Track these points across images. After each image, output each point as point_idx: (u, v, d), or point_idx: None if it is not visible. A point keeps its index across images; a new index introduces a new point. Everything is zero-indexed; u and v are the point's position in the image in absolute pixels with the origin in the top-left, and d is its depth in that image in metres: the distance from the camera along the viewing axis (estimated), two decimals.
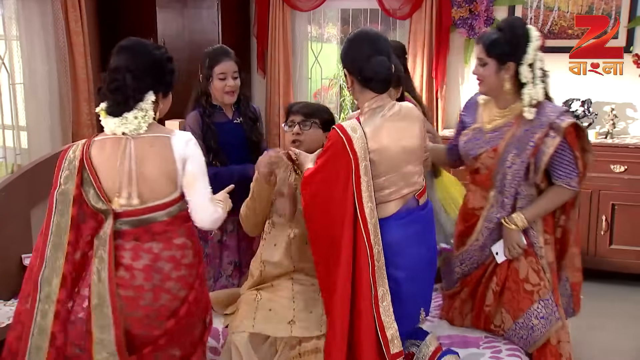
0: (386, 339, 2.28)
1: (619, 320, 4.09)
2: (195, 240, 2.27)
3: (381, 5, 5.11)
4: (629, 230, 4.46)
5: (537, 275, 2.63)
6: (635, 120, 4.76)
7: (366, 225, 2.28)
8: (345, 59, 2.39)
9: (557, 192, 2.61)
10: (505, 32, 2.55)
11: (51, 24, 4.59)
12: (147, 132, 2.17)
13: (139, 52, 2.21)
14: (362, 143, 2.28)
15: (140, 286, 2.15)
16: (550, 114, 2.54)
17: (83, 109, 4.78)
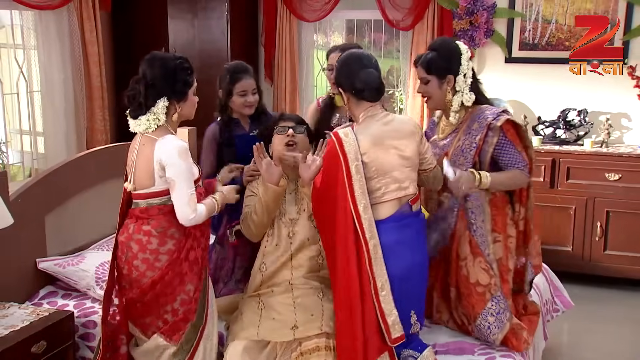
0: (387, 324, 2.45)
1: (614, 324, 4.20)
2: (163, 232, 2.53)
3: (385, 17, 5.25)
4: (623, 236, 4.57)
5: (486, 274, 2.76)
6: (629, 129, 4.87)
7: (360, 221, 2.46)
8: (339, 79, 2.63)
9: (516, 173, 2.78)
10: (439, 51, 2.81)
11: (67, 34, 4.78)
12: (153, 132, 2.51)
13: (155, 64, 2.52)
14: (354, 145, 2.49)
15: (120, 257, 2.60)
16: (488, 116, 2.76)
17: (97, 116, 4.96)
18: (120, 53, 5.40)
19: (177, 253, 2.55)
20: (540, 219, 4.65)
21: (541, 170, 4.65)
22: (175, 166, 2.46)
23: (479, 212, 2.82)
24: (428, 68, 2.81)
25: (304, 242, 2.85)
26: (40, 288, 3.26)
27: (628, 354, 3.85)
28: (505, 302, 2.77)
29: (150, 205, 2.55)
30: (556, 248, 4.69)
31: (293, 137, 2.88)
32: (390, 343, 2.46)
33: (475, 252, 2.79)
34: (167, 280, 2.54)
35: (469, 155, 2.78)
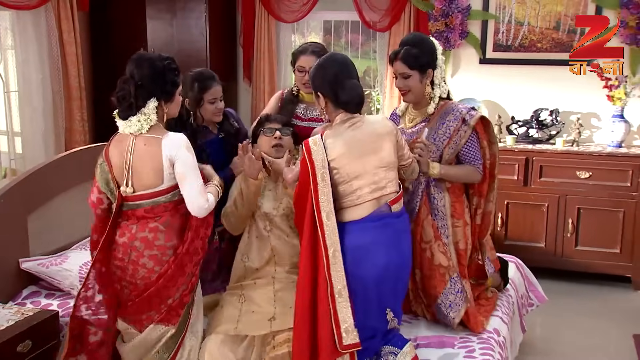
0: (339, 330, 2.47)
1: (586, 317, 4.33)
2: (170, 227, 2.57)
3: (362, 18, 5.33)
4: (593, 232, 4.71)
5: (445, 257, 2.93)
6: (599, 129, 5.02)
7: (322, 227, 2.52)
8: (318, 82, 2.64)
9: (470, 169, 2.97)
10: (421, 46, 2.92)
11: (45, 34, 4.76)
12: (147, 132, 2.52)
13: (144, 64, 2.53)
14: (321, 153, 2.55)
15: (122, 259, 2.58)
16: (462, 109, 2.95)
17: (75, 116, 4.95)
18: (98, 53, 5.39)
19: (181, 247, 2.59)
20: (514, 216, 4.83)
21: (515, 169, 4.78)
22: (184, 159, 2.50)
23: (440, 198, 2.98)
24: (411, 63, 2.90)
25: (282, 237, 2.94)
26: (23, 288, 3.26)
27: (600, 345, 3.98)
28: (461, 283, 2.93)
29: (157, 204, 2.57)
30: (529, 244, 4.82)
31: (280, 140, 2.96)
32: (340, 349, 2.47)
33: (436, 235, 2.95)
34: (170, 274, 2.57)
35: (440, 143, 2.94)
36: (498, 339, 2.91)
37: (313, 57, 3.29)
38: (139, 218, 2.58)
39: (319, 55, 3.32)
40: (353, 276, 2.52)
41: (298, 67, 3.33)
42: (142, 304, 2.60)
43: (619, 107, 4.72)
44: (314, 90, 2.68)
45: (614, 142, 4.76)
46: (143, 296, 2.58)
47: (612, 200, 4.63)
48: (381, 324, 2.63)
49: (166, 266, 2.57)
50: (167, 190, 2.58)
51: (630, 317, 4.33)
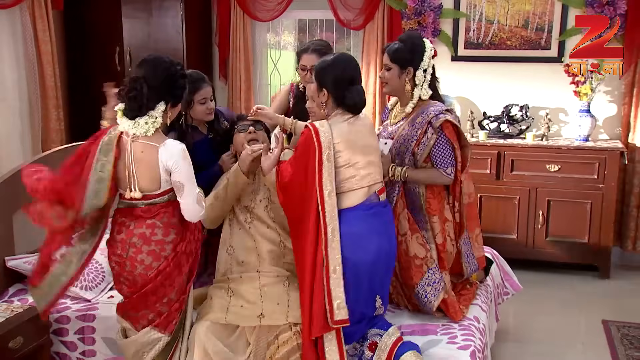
0: (331, 305, 2.59)
1: (557, 305, 4.49)
2: (167, 223, 2.62)
3: (337, 17, 5.41)
4: (563, 223, 4.87)
5: (423, 248, 3.03)
6: (567, 123, 5.19)
7: (323, 205, 2.65)
8: (327, 78, 2.75)
9: (434, 173, 3.04)
10: (406, 43, 3.04)
11: (20, 33, 4.72)
12: (146, 138, 2.54)
13: (158, 67, 2.56)
14: (327, 134, 2.68)
15: (120, 255, 2.63)
16: (431, 112, 3.00)
17: (52, 116, 4.92)
18: (73, 52, 5.37)
19: (180, 244, 2.65)
20: (487, 209, 4.97)
21: (487, 163, 4.91)
22: (181, 170, 2.55)
23: (415, 193, 3.08)
24: (392, 57, 3.03)
25: (262, 227, 3.03)
26: (9, 286, 3.28)
27: (571, 331, 4.14)
28: (440, 274, 3.03)
29: (153, 204, 2.62)
30: (502, 236, 4.95)
31: (255, 134, 3.10)
32: (332, 324, 2.58)
33: (413, 228, 3.05)
34: (168, 271, 2.62)
35: (409, 145, 3.04)
36: (478, 326, 3.04)
37: (314, 55, 3.42)
38: (136, 217, 2.62)
39: (320, 52, 3.43)
40: (346, 262, 2.64)
41: (300, 65, 3.44)
42: (139, 300, 2.64)
43: (586, 102, 4.88)
44: (320, 83, 2.78)
45: (581, 136, 4.93)
46: (140, 293, 2.62)
47: (580, 192, 4.79)
48: (369, 310, 2.75)
49: (164, 263, 2.61)
50: (164, 192, 2.63)
51: (599, 303, 4.51)
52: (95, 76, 5.26)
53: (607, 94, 5.08)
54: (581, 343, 3.99)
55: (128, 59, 5.15)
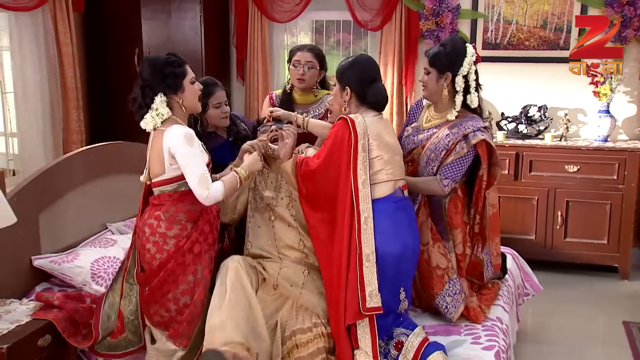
0: (364, 293, 2.60)
1: (576, 306, 4.46)
2: (171, 217, 2.69)
3: (354, 17, 5.43)
4: (581, 224, 4.85)
5: (444, 258, 3.01)
6: (586, 124, 5.17)
7: (357, 194, 2.67)
8: (350, 76, 2.80)
9: (432, 182, 2.98)
10: (446, 48, 3.00)
11: (42, 35, 4.78)
12: (161, 125, 2.68)
13: (144, 64, 2.70)
14: (362, 124, 2.71)
15: (137, 241, 2.79)
16: (468, 127, 2.93)
17: (72, 116, 4.97)
18: (93, 54, 5.42)
19: (184, 240, 2.70)
20: (505, 210, 4.95)
21: (505, 164, 4.90)
22: (182, 152, 2.61)
23: (438, 207, 3.06)
24: (432, 61, 3.01)
25: (284, 225, 3.01)
26: (36, 285, 3.31)
27: (591, 332, 4.12)
28: (460, 284, 3.01)
29: (162, 192, 2.72)
30: (520, 237, 4.94)
31: (276, 132, 3.05)
32: (364, 311, 2.59)
33: (435, 238, 3.03)
34: (171, 268, 2.68)
35: (439, 155, 2.98)
36: (501, 327, 3.03)
37: (310, 54, 3.42)
38: (152, 205, 2.76)
39: (315, 52, 3.45)
40: (375, 250, 2.66)
41: (294, 61, 3.42)
42: (150, 294, 2.73)
43: (605, 102, 4.87)
44: (343, 83, 2.82)
45: (601, 136, 4.91)
46: (150, 285, 2.72)
47: (599, 193, 4.77)
48: (394, 302, 2.75)
49: (166, 256, 2.68)
50: (172, 180, 2.71)
51: (619, 304, 4.49)
52: (115, 77, 5.33)
53: (626, 95, 5.06)
54: (601, 344, 3.98)
55: None
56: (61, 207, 3.51)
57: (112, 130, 5.13)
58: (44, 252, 3.37)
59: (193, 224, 2.74)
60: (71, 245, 3.55)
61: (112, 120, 5.35)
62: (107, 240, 3.60)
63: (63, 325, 2.85)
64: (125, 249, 3.45)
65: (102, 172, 3.81)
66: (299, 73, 3.39)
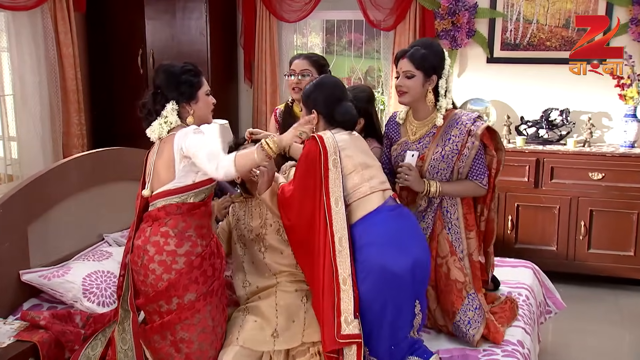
0: (339, 319, 2.41)
1: (599, 323, 4.24)
2: (181, 233, 2.53)
3: (366, 17, 5.22)
4: (606, 235, 4.62)
5: (461, 273, 2.86)
6: (610, 129, 4.93)
7: (330, 213, 2.49)
8: (315, 99, 2.70)
9: (473, 186, 2.88)
10: (431, 49, 2.83)
11: (41, 35, 4.64)
12: (169, 133, 2.56)
13: (159, 70, 2.62)
14: (332, 140, 2.57)
15: (136, 262, 2.56)
16: (466, 122, 2.83)
17: (73, 120, 4.83)
18: (95, 55, 5.26)
19: (196, 259, 2.54)
20: (525, 219, 4.75)
21: (525, 170, 4.68)
22: (192, 141, 2.47)
23: (453, 211, 2.89)
24: (419, 63, 2.80)
25: (277, 256, 2.85)
26: (24, 301, 3.12)
27: (615, 352, 3.90)
28: (478, 298, 2.86)
29: (169, 204, 2.55)
30: (541, 248, 4.74)
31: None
32: (338, 338, 2.40)
33: (452, 251, 2.88)
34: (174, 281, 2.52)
35: (450, 162, 2.83)
36: (523, 352, 2.81)
37: (305, 61, 3.30)
38: (154, 219, 2.56)
39: (312, 59, 3.33)
40: (385, 270, 2.46)
41: (290, 70, 3.32)
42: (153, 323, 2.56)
43: (632, 106, 4.64)
44: (309, 106, 2.72)
45: (627, 142, 4.68)
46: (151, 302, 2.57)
47: (625, 201, 4.54)
48: (408, 316, 2.56)
49: (177, 275, 2.50)
50: (180, 190, 2.55)
51: None
52: (118, 79, 5.18)
53: None
54: None
55: (151, 61, 5.02)
56: (53, 217, 3.33)
57: (115, 135, 4.98)
58: (34, 266, 3.18)
59: (203, 241, 2.58)
60: (64, 258, 3.36)
61: (115, 124, 5.20)
62: (102, 253, 3.41)
63: (46, 350, 2.66)
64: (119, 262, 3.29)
65: (99, 179, 3.63)
66: (294, 82, 3.27)
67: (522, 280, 3.49)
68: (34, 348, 2.64)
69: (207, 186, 2.58)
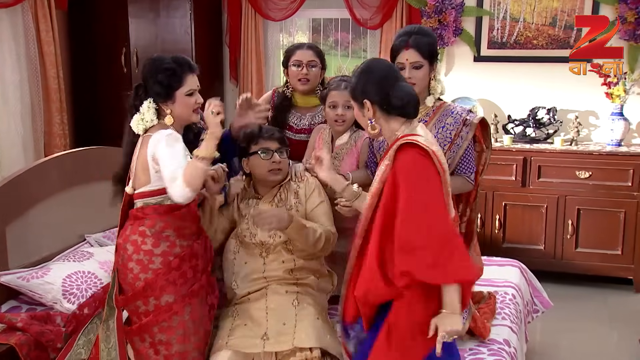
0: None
1: (588, 321, 4.22)
2: (158, 233, 2.48)
3: (352, 15, 5.18)
4: (593, 233, 4.60)
5: None
6: (597, 127, 4.92)
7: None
8: (365, 90, 2.27)
9: (461, 181, 2.74)
10: (429, 35, 2.71)
11: (22, 34, 4.55)
12: (148, 132, 2.50)
13: (145, 65, 2.57)
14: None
15: (117, 261, 2.55)
16: (461, 112, 2.75)
17: (55, 119, 4.74)
18: (78, 53, 5.18)
19: (173, 258, 2.48)
20: (512, 218, 4.72)
21: (513, 169, 4.66)
22: (161, 153, 2.39)
23: None
24: (424, 52, 2.64)
25: (277, 263, 2.78)
26: (2, 303, 3.05)
27: (603, 351, 3.87)
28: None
29: (147, 205, 2.50)
30: (528, 247, 4.71)
31: (279, 164, 2.78)
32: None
33: None
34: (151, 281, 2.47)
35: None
36: (509, 350, 2.78)
37: (311, 52, 3.18)
38: (134, 218, 2.52)
39: (316, 50, 3.22)
40: None
41: (294, 61, 3.17)
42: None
43: (618, 104, 4.62)
44: (358, 99, 2.29)
45: (614, 140, 4.66)
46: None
47: (612, 200, 4.52)
48: None
49: (153, 275, 2.45)
50: (157, 192, 2.49)
51: (634, 320, 4.22)
52: (101, 78, 5.10)
53: None
54: None
55: (135, 60, 4.94)
56: (33, 218, 3.26)
57: (98, 134, 4.89)
58: (12, 267, 3.11)
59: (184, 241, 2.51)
60: (44, 259, 3.30)
61: (98, 123, 5.12)
62: (82, 253, 3.35)
63: (26, 351, 2.60)
64: (101, 262, 3.23)
65: (81, 179, 3.56)
66: (302, 73, 3.14)
67: (509, 279, 3.47)
68: (11, 350, 2.58)
69: None
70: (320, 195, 2.84)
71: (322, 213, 2.81)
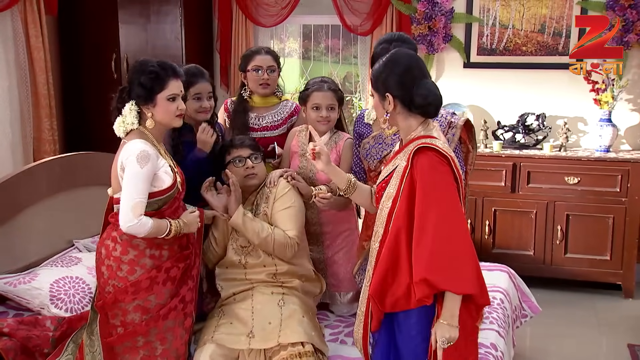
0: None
1: (577, 327, 4.22)
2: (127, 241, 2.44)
3: (343, 22, 5.19)
4: (582, 239, 4.61)
5: None
6: (586, 133, 4.94)
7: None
8: (390, 82, 2.22)
9: None
10: (409, 43, 2.73)
11: (11, 39, 4.53)
12: (126, 137, 2.48)
13: (131, 67, 2.56)
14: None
15: (95, 263, 2.57)
16: (445, 115, 2.76)
17: (44, 125, 4.71)
18: (68, 59, 5.17)
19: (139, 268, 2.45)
20: (502, 224, 4.73)
21: (502, 175, 4.67)
22: (128, 170, 2.38)
23: None
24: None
25: (259, 266, 2.82)
26: None
27: (593, 356, 3.88)
28: None
29: (119, 211, 2.45)
30: (518, 252, 4.72)
31: (252, 169, 2.87)
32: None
33: None
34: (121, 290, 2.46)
35: None
36: (496, 354, 2.79)
37: (269, 57, 3.28)
38: (111, 223, 2.53)
39: (273, 55, 3.32)
40: None
41: (254, 66, 3.24)
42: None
43: (607, 110, 4.64)
44: (380, 90, 2.25)
45: (602, 146, 4.67)
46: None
47: (601, 206, 4.54)
48: None
49: (124, 286, 2.43)
50: None
51: (623, 325, 4.24)
52: (91, 84, 5.09)
53: (629, 102, 4.82)
54: None
55: (125, 66, 4.93)
56: (20, 223, 3.26)
57: (88, 140, 4.88)
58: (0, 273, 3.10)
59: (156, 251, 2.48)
60: (32, 264, 3.30)
61: (88, 129, 5.10)
62: (71, 258, 3.34)
63: (12, 356, 2.58)
64: (89, 268, 3.22)
65: (69, 184, 3.56)
66: (264, 78, 3.23)
67: (497, 283, 3.47)
68: None
69: (159, 197, 2.45)
70: (290, 200, 2.86)
71: (286, 216, 2.83)
